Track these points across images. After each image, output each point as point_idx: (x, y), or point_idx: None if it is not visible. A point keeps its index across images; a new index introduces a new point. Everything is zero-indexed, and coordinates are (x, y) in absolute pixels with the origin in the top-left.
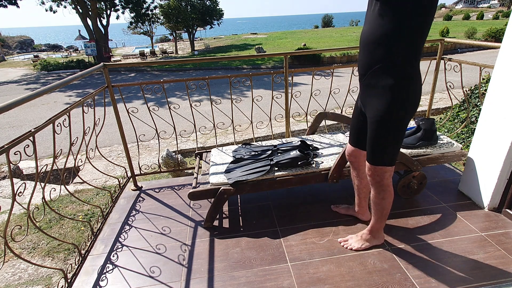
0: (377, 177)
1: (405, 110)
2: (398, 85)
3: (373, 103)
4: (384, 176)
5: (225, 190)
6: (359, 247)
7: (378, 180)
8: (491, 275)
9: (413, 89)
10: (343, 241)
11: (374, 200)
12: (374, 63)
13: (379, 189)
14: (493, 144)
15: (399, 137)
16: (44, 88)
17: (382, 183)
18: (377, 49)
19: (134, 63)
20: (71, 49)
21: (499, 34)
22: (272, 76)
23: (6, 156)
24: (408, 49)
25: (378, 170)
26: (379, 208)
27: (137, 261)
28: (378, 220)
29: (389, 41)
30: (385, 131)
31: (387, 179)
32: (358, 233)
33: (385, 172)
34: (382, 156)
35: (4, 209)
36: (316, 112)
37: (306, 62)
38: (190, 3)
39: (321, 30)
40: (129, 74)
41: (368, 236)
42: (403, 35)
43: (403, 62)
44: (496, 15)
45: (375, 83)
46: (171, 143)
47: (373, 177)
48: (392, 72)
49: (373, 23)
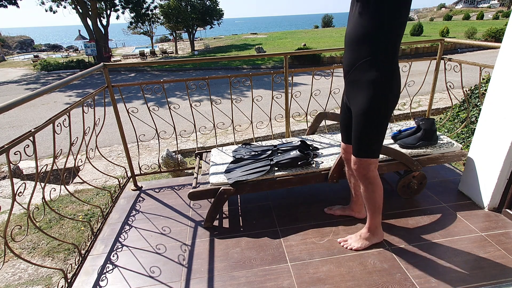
0: (363, 170)
1: (388, 102)
2: (381, 78)
3: (357, 97)
4: (369, 168)
5: (225, 190)
6: (359, 246)
7: (364, 173)
8: (491, 275)
9: (395, 82)
10: (343, 241)
11: (364, 195)
12: (357, 60)
13: (366, 182)
14: (493, 144)
15: (383, 129)
16: (44, 88)
17: (368, 175)
18: (360, 47)
19: (134, 63)
20: (71, 49)
21: (499, 34)
22: (272, 76)
23: (6, 156)
24: (388, 45)
25: (363, 162)
26: (370, 202)
27: (137, 261)
28: (372, 216)
29: (371, 38)
30: (369, 123)
31: (373, 171)
32: (357, 233)
33: (370, 164)
34: (367, 148)
35: (4, 209)
36: (316, 112)
37: (306, 62)
38: (190, 3)
39: (321, 30)
40: (129, 74)
41: (367, 234)
42: (383, 32)
43: (385, 57)
44: (496, 15)
45: (358, 79)
46: (171, 143)
47: (359, 171)
48: (374, 67)
49: (355, 23)
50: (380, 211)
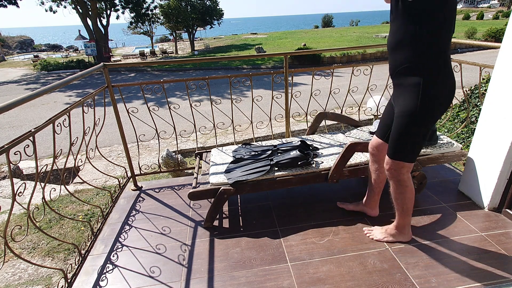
0: (395, 172)
1: (427, 108)
2: (422, 85)
3: (399, 98)
4: (401, 171)
5: (225, 190)
6: (381, 238)
7: (395, 175)
8: (491, 275)
9: (437, 88)
10: (368, 230)
11: (394, 195)
12: (397, 66)
13: (397, 184)
14: (493, 144)
15: (420, 135)
16: (44, 88)
17: (399, 178)
18: (398, 53)
19: (134, 63)
20: (71, 49)
21: (499, 34)
22: (272, 76)
23: (6, 156)
24: (429, 49)
25: (396, 164)
26: (399, 203)
27: (137, 261)
28: (400, 216)
29: (406, 45)
30: (406, 127)
31: (404, 174)
32: (385, 226)
33: (402, 168)
34: (401, 152)
35: (4, 209)
36: (316, 112)
37: (306, 62)
38: (190, 3)
39: (321, 30)
40: (129, 74)
41: (394, 231)
42: (417, 39)
43: (426, 61)
44: (496, 15)
45: (401, 82)
46: (171, 143)
47: (391, 172)
48: (416, 71)
49: (391, 29)
50: (409, 213)
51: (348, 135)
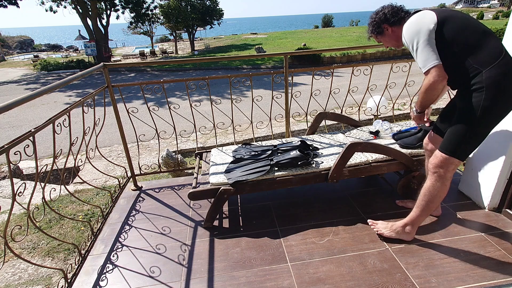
0: (442, 168)
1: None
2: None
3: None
4: (448, 168)
5: (225, 190)
6: (382, 233)
7: (441, 171)
8: (491, 275)
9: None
10: (373, 223)
11: (427, 190)
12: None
13: (438, 179)
14: (493, 144)
15: (477, 135)
16: (44, 88)
17: (444, 175)
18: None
19: (134, 63)
20: (71, 49)
21: (499, 34)
22: (272, 76)
23: (6, 156)
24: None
25: (444, 159)
26: (428, 199)
27: (137, 261)
28: (419, 214)
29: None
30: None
31: (450, 172)
32: (390, 222)
33: (450, 164)
34: (454, 147)
35: (4, 209)
36: (316, 112)
37: (306, 62)
38: (190, 3)
39: (321, 30)
40: (129, 74)
41: (400, 228)
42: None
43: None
44: (496, 15)
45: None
46: (171, 143)
47: (438, 167)
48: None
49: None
50: (428, 213)
51: (348, 135)
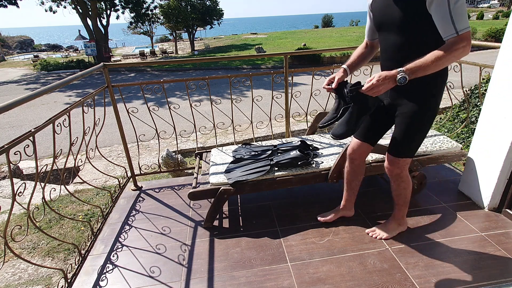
0: (398, 170)
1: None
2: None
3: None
4: (404, 168)
5: (225, 190)
6: (388, 235)
7: (398, 172)
8: (491, 275)
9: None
10: (371, 232)
11: (398, 191)
12: None
13: (399, 180)
14: (493, 144)
15: (427, 130)
16: (44, 88)
17: (401, 174)
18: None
19: (134, 63)
20: (71, 49)
21: (499, 34)
22: (272, 76)
23: (6, 156)
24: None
25: (401, 162)
26: (401, 197)
27: (137, 261)
28: (400, 208)
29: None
30: (417, 125)
31: (406, 170)
32: (383, 224)
33: (406, 164)
34: (408, 149)
35: (4, 209)
36: (316, 112)
37: (306, 62)
38: (190, 3)
39: (321, 30)
40: (129, 74)
41: (395, 225)
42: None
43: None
44: (496, 15)
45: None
46: (171, 143)
47: (394, 170)
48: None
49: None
50: (407, 205)
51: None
